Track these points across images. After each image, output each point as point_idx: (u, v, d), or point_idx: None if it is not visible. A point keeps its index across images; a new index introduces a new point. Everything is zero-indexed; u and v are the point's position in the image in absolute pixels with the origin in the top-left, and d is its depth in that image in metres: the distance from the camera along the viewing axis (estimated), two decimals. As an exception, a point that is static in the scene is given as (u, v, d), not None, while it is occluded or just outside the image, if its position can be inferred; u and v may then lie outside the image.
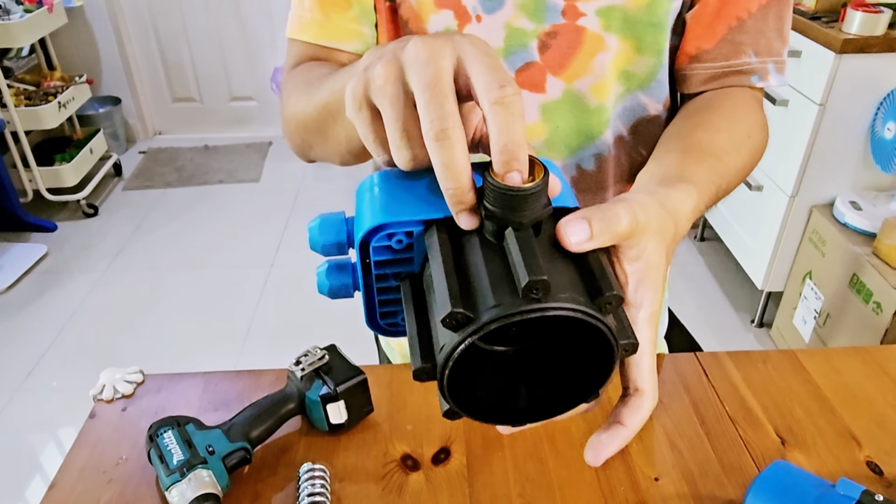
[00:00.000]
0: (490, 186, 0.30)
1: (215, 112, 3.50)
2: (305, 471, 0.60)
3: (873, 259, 1.61)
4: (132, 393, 0.71)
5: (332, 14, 0.63)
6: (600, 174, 0.66)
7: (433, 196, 0.34)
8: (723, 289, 2.31)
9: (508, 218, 0.30)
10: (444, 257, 0.31)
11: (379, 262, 0.35)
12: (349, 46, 0.64)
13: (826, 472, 0.61)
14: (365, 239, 0.34)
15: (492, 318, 0.28)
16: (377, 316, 0.38)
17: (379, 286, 0.36)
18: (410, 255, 0.35)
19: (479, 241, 0.32)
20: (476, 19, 0.59)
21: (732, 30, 0.62)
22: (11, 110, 2.48)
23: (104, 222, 2.79)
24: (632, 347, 0.32)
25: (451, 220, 0.33)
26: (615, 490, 0.60)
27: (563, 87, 0.61)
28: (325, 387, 0.63)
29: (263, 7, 3.20)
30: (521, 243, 0.29)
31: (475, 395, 0.33)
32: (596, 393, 0.33)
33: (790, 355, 0.76)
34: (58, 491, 0.61)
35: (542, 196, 0.31)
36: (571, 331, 0.31)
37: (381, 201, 0.35)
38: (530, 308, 0.28)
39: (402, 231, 0.34)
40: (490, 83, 0.30)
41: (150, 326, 2.21)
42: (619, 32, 0.59)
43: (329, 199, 2.94)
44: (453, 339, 0.29)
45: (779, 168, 1.88)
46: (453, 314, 0.28)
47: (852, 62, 1.62)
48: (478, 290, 0.29)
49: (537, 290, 0.28)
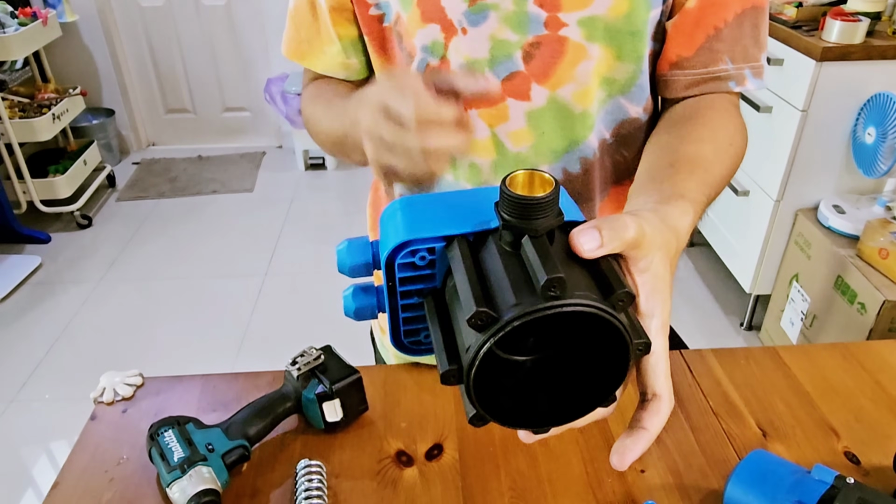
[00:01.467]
0: (506, 196, 0.33)
1: (209, 123, 3.51)
2: (302, 467, 0.61)
3: (857, 261, 1.64)
4: (132, 395, 0.73)
5: (325, 47, 0.71)
6: (586, 177, 0.68)
7: (452, 215, 0.37)
8: (712, 293, 2.34)
9: (524, 226, 0.33)
10: (465, 266, 0.34)
11: (403, 278, 0.38)
12: (339, 75, 0.73)
13: (805, 462, 0.63)
14: (390, 256, 0.37)
15: (514, 315, 0.30)
16: (401, 334, 0.40)
17: (403, 303, 0.39)
18: (433, 271, 0.37)
19: (498, 250, 0.34)
20: (462, 32, 0.62)
21: (710, 38, 0.65)
22: (6, 122, 2.49)
23: (98, 233, 2.80)
24: (645, 347, 0.33)
25: (470, 236, 0.36)
26: (602, 482, 0.62)
27: (548, 95, 0.64)
28: (320, 386, 0.65)
29: (256, 18, 3.23)
30: (538, 248, 0.32)
31: (498, 403, 0.34)
32: (613, 396, 0.35)
33: (772, 352, 0.78)
34: (60, 490, 0.62)
35: (554, 205, 0.33)
36: (587, 333, 0.33)
37: (404, 222, 0.38)
38: (549, 305, 0.30)
39: (425, 248, 0.36)
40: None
41: (145, 336, 2.22)
42: (601, 41, 0.62)
43: (322, 209, 2.96)
44: (478, 338, 0.31)
45: (764, 173, 1.91)
46: (478, 313, 0.30)
47: (833, 69, 1.66)
48: (499, 293, 0.32)
49: (555, 288, 0.30)
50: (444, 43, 0.63)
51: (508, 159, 0.67)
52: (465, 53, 0.63)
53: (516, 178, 0.34)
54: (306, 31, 0.71)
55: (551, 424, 0.36)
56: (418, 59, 0.64)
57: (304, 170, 3.29)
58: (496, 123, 0.65)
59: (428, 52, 0.63)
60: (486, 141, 0.66)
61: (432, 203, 0.39)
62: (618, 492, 0.61)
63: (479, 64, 0.63)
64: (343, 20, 0.68)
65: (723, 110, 0.64)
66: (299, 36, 0.72)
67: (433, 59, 0.64)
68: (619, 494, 0.61)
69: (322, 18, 0.69)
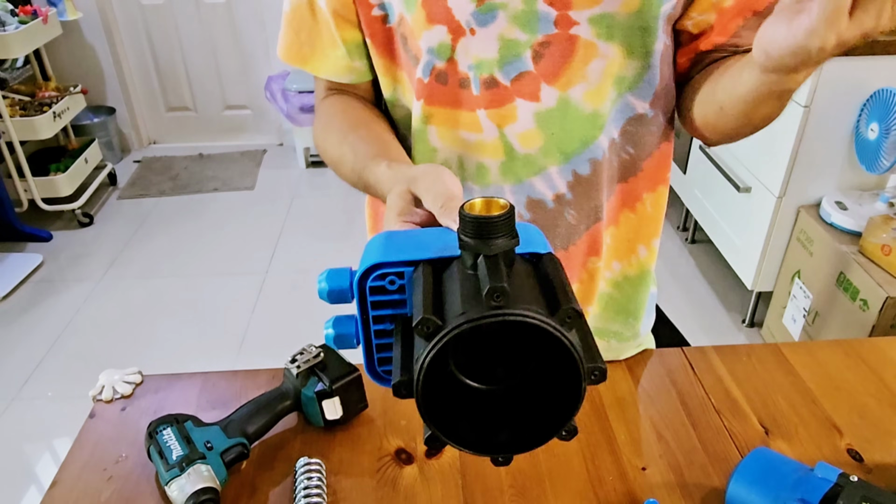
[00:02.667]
0: (463, 218, 0.35)
1: (209, 121, 3.51)
2: (302, 465, 0.61)
3: (859, 257, 1.63)
4: (131, 393, 0.72)
5: (328, 51, 0.69)
6: (595, 177, 0.68)
7: (422, 246, 0.40)
8: (714, 290, 2.33)
9: (479, 247, 0.34)
10: (424, 283, 0.35)
11: (374, 302, 0.39)
12: (343, 79, 0.71)
13: (808, 460, 0.63)
14: (361, 279, 0.39)
15: (458, 322, 0.31)
16: (375, 363, 0.42)
17: (376, 328, 0.40)
18: (403, 297, 0.39)
19: (458, 272, 0.36)
20: (470, 32, 0.61)
21: (740, 28, 0.64)
22: (6, 120, 2.49)
23: (99, 231, 2.80)
24: (601, 373, 0.33)
25: (435, 262, 0.38)
26: (603, 480, 0.62)
27: (558, 96, 0.63)
28: (320, 383, 0.65)
29: (256, 16, 3.22)
30: (489, 264, 0.33)
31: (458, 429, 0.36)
32: (571, 425, 0.36)
33: (774, 349, 0.78)
34: (59, 488, 0.62)
35: (508, 226, 0.35)
36: (543, 356, 0.34)
37: (378, 250, 0.40)
38: (491, 313, 0.31)
39: (394, 272, 0.38)
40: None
41: (146, 334, 2.22)
42: (612, 39, 0.61)
43: (323, 206, 2.96)
44: (426, 346, 0.32)
45: (766, 169, 1.91)
46: (425, 320, 0.32)
47: (835, 65, 1.65)
48: (450, 305, 0.33)
49: (498, 297, 0.31)
50: (452, 45, 0.62)
51: (517, 161, 0.66)
52: (473, 54, 0.62)
53: (474, 203, 0.36)
54: (306, 34, 0.69)
55: (510, 453, 0.37)
56: (424, 61, 0.63)
57: (305, 167, 3.29)
58: (504, 124, 0.64)
59: (434, 55, 0.62)
60: (495, 142, 0.65)
61: (410, 236, 0.42)
62: (619, 490, 0.61)
63: (487, 65, 0.62)
64: (347, 24, 0.66)
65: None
66: (299, 39, 0.70)
67: (439, 61, 0.62)
68: (620, 492, 0.61)
69: (324, 21, 0.67)
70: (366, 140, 0.64)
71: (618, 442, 0.66)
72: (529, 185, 0.67)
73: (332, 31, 0.67)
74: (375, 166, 0.57)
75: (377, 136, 0.65)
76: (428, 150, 0.68)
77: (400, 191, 0.49)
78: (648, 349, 0.81)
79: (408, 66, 0.66)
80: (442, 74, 0.63)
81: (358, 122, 0.67)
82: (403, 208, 0.48)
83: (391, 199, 0.50)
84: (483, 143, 0.65)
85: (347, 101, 0.72)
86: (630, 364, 0.76)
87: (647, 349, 0.81)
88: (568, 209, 0.68)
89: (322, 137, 0.69)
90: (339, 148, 0.65)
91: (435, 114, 0.65)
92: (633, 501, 0.60)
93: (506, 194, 0.68)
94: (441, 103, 0.64)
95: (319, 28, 0.68)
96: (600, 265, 0.73)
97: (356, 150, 0.63)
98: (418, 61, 0.64)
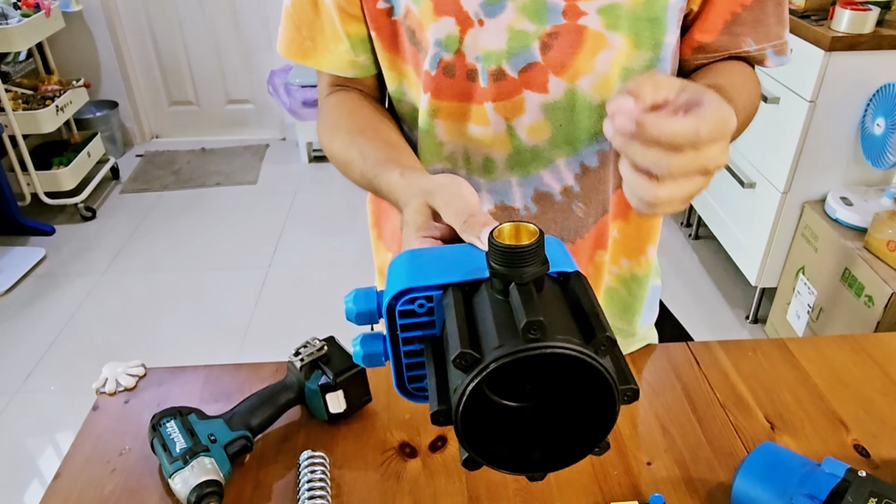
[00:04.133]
0: (493, 246, 0.35)
1: (212, 115, 3.51)
2: (305, 458, 0.61)
3: (864, 253, 1.63)
4: (134, 386, 0.72)
5: (331, 45, 0.68)
6: (603, 170, 0.67)
7: (451, 266, 0.40)
8: (717, 286, 2.33)
9: (511, 275, 0.35)
10: (457, 311, 0.36)
11: (404, 325, 0.39)
12: (347, 74, 0.70)
13: (814, 455, 0.62)
14: (391, 304, 0.39)
15: (496, 356, 0.32)
16: (405, 381, 0.42)
17: (405, 349, 0.40)
18: (432, 318, 0.39)
19: (489, 298, 0.36)
20: (479, 23, 0.60)
21: (728, 23, 0.65)
22: (9, 114, 2.49)
23: (102, 225, 2.80)
24: (633, 393, 0.34)
25: (464, 285, 0.38)
26: (608, 474, 0.62)
27: (566, 87, 0.62)
28: (324, 377, 0.65)
29: (259, 10, 3.21)
30: (522, 294, 0.33)
31: (493, 449, 0.36)
32: (605, 442, 0.36)
33: (780, 344, 0.77)
34: (62, 481, 0.62)
35: (538, 254, 0.35)
36: (576, 379, 0.35)
37: (406, 272, 0.40)
38: (529, 347, 0.31)
39: (423, 295, 0.38)
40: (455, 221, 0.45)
41: (149, 329, 2.22)
42: (620, 30, 0.60)
43: (326, 201, 2.95)
44: (464, 379, 0.32)
45: (771, 165, 1.90)
46: (462, 354, 0.32)
47: (842, 59, 1.64)
48: (485, 336, 0.34)
49: (535, 331, 0.31)
50: (460, 36, 0.61)
51: (525, 153, 0.65)
52: (481, 46, 0.61)
53: (503, 230, 0.36)
54: (308, 28, 0.68)
55: (544, 470, 0.37)
56: (431, 53, 0.62)
57: (308, 162, 3.28)
58: (512, 116, 0.64)
59: (441, 47, 0.62)
60: (502, 134, 0.65)
61: (435, 256, 0.42)
62: (624, 484, 0.61)
63: (495, 56, 0.61)
64: (351, 18, 0.65)
65: (733, 64, 0.68)
66: (300, 34, 0.69)
67: (447, 53, 0.62)
68: (625, 487, 0.60)
69: (326, 15, 0.66)
70: (374, 143, 0.63)
71: (623, 437, 0.66)
72: (537, 178, 0.67)
73: (335, 25, 0.66)
74: (388, 174, 0.56)
75: (386, 140, 0.64)
76: (434, 144, 0.67)
77: (417, 205, 0.49)
78: (652, 344, 0.81)
79: (413, 60, 0.65)
80: (449, 67, 0.62)
81: (365, 124, 0.66)
82: (422, 223, 0.48)
83: (409, 215, 0.49)
84: (491, 136, 0.65)
85: (353, 99, 0.70)
86: (634, 359, 0.76)
87: (650, 344, 0.81)
88: (576, 202, 0.68)
89: (328, 139, 0.68)
90: (347, 151, 0.64)
91: (442, 107, 0.64)
92: (638, 496, 0.59)
93: (513, 187, 0.68)
94: (448, 96, 0.64)
95: (322, 22, 0.67)
96: (606, 259, 0.73)
97: (365, 154, 0.62)
98: (426, 54, 0.63)
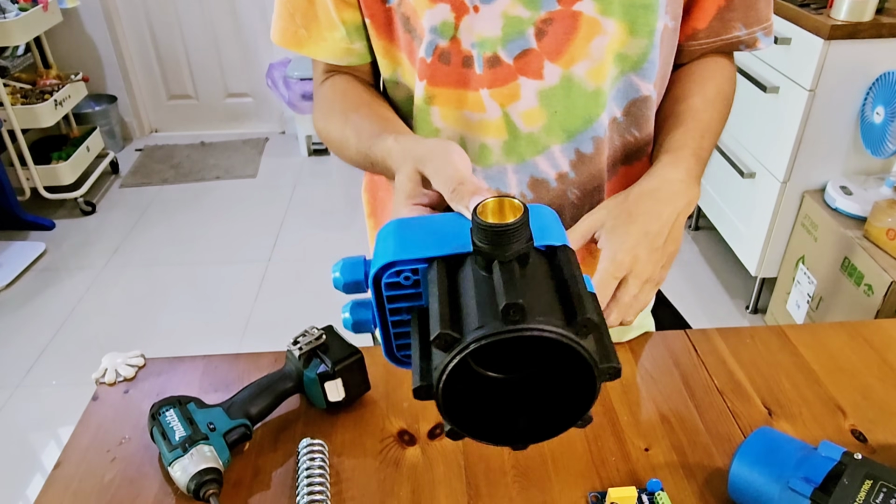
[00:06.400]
0: (477, 224, 0.35)
1: (211, 109, 3.50)
2: (304, 446, 0.61)
3: (864, 242, 1.62)
4: (134, 376, 0.73)
5: (325, 33, 0.68)
6: (598, 156, 0.67)
7: (435, 238, 0.39)
8: (717, 276, 2.33)
9: (494, 252, 0.34)
10: (440, 288, 0.35)
11: (390, 296, 0.39)
12: (342, 62, 0.70)
13: (811, 440, 0.62)
14: (377, 276, 0.39)
15: (475, 338, 0.32)
16: (394, 348, 0.42)
17: (393, 319, 0.41)
18: (418, 290, 0.39)
19: (472, 273, 0.36)
20: (473, 10, 0.60)
21: (721, 9, 0.66)
22: (8, 109, 2.48)
23: (102, 220, 2.80)
24: (615, 371, 0.34)
25: (449, 258, 0.38)
26: (606, 461, 0.62)
27: (561, 73, 0.62)
28: (322, 365, 0.65)
29: (257, 3, 3.20)
30: (504, 273, 0.33)
31: (477, 419, 0.36)
32: (587, 416, 0.36)
33: (777, 331, 0.77)
34: (63, 470, 0.62)
35: (522, 232, 0.35)
36: (559, 355, 0.35)
37: (393, 243, 0.40)
38: (509, 329, 0.31)
39: (409, 268, 0.38)
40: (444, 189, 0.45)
41: (149, 322, 2.23)
42: (614, 15, 0.60)
43: (325, 194, 2.95)
44: (444, 358, 0.33)
45: (770, 155, 1.89)
46: (442, 335, 0.32)
47: (841, 48, 1.63)
48: (466, 315, 0.34)
49: (514, 313, 0.31)
50: (455, 23, 0.61)
51: (520, 140, 0.65)
52: (476, 32, 0.61)
53: (486, 205, 0.36)
54: (302, 16, 0.68)
55: (527, 442, 0.37)
56: (427, 40, 0.62)
57: (308, 155, 3.28)
58: (508, 103, 0.64)
59: (437, 34, 0.61)
60: (498, 121, 0.65)
61: (423, 225, 0.42)
62: (622, 470, 0.61)
63: (490, 43, 0.61)
64: (345, 5, 0.65)
65: (712, 62, 0.70)
66: (295, 22, 0.68)
67: (442, 40, 0.62)
68: (622, 473, 0.61)
69: (321, 3, 0.66)
70: (368, 118, 0.63)
71: (621, 423, 0.66)
72: (532, 165, 0.67)
73: (329, 12, 0.66)
74: (382, 142, 0.56)
75: (379, 115, 0.64)
76: (430, 131, 0.67)
77: (408, 171, 0.49)
78: (650, 331, 0.81)
79: (408, 48, 0.65)
80: (445, 54, 0.62)
81: (359, 102, 0.67)
82: (412, 190, 0.48)
83: (399, 181, 0.49)
84: (486, 123, 0.65)
85: (347, 81, 0.71)
86: (633, 346, 0.76)
87: (648, 331, 0.81)
88: (571, 188, 0.68)
89: (323, 121, 0.69)
90: (342, 130, 0.65)
91: (438, 94, 0.64)
92: (636, 482, 0.60)
93: (508, 174, 0.68)
94: (444, 83, 0.64)
95: (316, 10, 0.67)
96: None
97: (359, 129, 0.62)
98: (421, 41, 0.63)
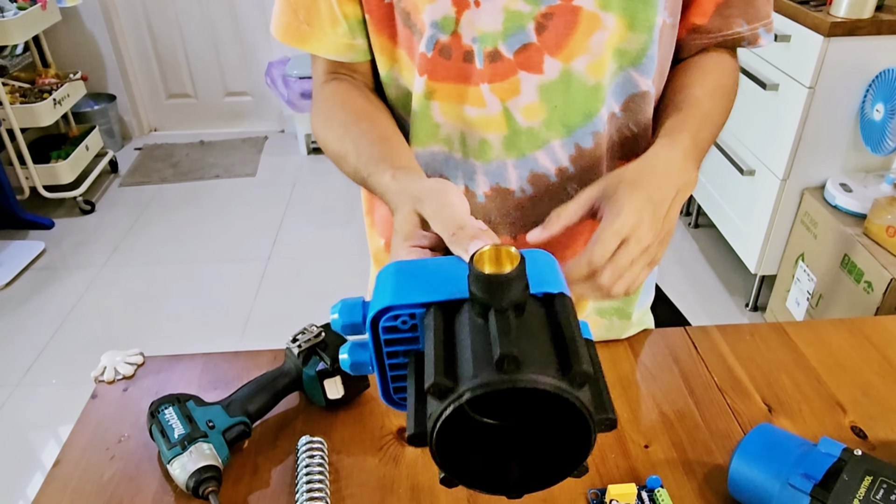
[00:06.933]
0: (473, 273, 0.35)
1: (210, 108, 3.50)
2: (304, 444, 0.61)
3: (864, 239, 1.62)
4: (133, 374, 0.72)
5: (328, 28, 0.67)
6: (597, 151, 0.67)
7: (434, 283, 0.39)
8: (717, 274, 2.33)
9: (490, 301, 0.34)
10: (435, 335, 0.35)
11: (388, 340, 0.40)
12: (344, 58, 0.70)
13: (811, 437, 0.62)
14: (375, 319, 0.39)
15: (468, 387, 0.32)
16: (391, 391, 0.42)
17: (390, 363, 0.41)
18: (415, 334, 0.39)
19: (469, 320, 0.36)
20: (475, 4, 0.60)
21: (720, 5, 0.66)
22: (7, 108, 2.48)
23: (101, 219, 2.80)
24: (610, 422, 0.34)
25: (447, 304, 0.37)
26: (606, 457, 0.62)
27: (561, 68, 0.62)
28: (321, 363, 0.65)
29: (257, 2, 3.19)
30: (500, 322, 0.33)
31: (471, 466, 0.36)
32: (583, 466, 0.36)
33: (777, 328, 0.77)
34: (62, 468, 0.62)
35: (518, 282, 0.35)
36: (554, 405, 0.34)
37: (391, 287, 0.40)
38: (503, 380, 0.31)
39: (406, 313, 0.38)
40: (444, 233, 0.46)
41: (149, 321, 2.23)
42: (614, 10, 0.60)
43: (325, 193, 2.95)
44: (438, 407, 0.33)
45: (770, 152, 1.89)
46: (436, 384, 0.32)
47: (841, 45, 1.63)
48: (462, 364, 0.33)
49: (509, 363, 0.31)
50: (456, 17, 0.61)
51: (520, 134, 0.65)
52: (477, 27, 0.61)
53: (483, 254, 0.35)
54: (304, 11, 0.67)
55: (521, 492, 0.37)
56: (427, 35, 0.62)
57: (307, 154, 3.28)
58: (508, 97, 0.63)
59: (438, 28, 0.61)
60: (498, 116, 0.64)
61: (422, 269, 0.42)
62: (621, 467, 0.61)
63: (491, 37, 0.61)
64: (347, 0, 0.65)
65: (714, 56, 0.69)
66: (297, 18, 0.68)
67: (443, 34, 0.62)
68: (622, 469, 0.61)
69: None
70: (368, 137, 0.63)
71: (620, 420, 0.66)
72: (532, 159, 0.67)
73: (332, 7, 0.66)
74: (380, 176, 0.57)
75: (380, 134, 0.64)
76: (430, 127, 0.67)
77: (406, 212, 0.49)
78: (649, 328, 0.81)
79: (407, 43, 0.65)
80: (445, 48, 0.62)
81: (360, 115, 0.66)
82: (409, 232, 0.48)
83: (398, 221, 0.49)
84: (486, 118, 0.65)
85: (348, 90, 0.70)
86: (632, 343, 0.76)
87: (648, 328, 0.81)
88: (570, 183, 0.68)
89: (322, 130, 0.68)
90: (341, 144, 0.64)
91: (438, 89, 0.64)
92: (636, 479, 0.59)
93: (508, 168, 0.67)
94: (444, 78, 0.64)
95: (318, 5, 0.66)
96: None
97: (359, 148, 0.62)
98: (421, 36, 0.63)
